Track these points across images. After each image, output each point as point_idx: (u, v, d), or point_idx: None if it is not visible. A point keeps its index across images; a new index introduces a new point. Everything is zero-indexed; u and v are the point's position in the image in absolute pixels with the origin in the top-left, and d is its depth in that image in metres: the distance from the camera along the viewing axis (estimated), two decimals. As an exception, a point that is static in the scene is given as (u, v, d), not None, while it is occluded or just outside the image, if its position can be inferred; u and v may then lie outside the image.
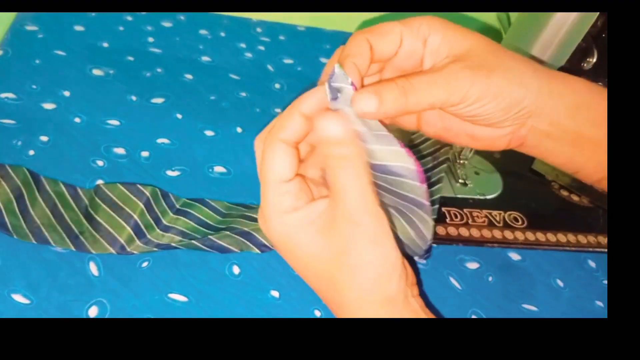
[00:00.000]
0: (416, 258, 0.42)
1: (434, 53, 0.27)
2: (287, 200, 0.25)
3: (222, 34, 0.62)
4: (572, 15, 0.37)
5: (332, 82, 0.25)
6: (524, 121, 0.28)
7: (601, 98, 0.28)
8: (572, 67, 0.40)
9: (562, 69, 0.39)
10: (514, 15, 0.56)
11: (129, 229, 0.39)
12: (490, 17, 0.65)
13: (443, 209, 0.47)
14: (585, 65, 0.39)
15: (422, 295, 0.41)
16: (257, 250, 0.40)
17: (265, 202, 0.26)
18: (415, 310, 0.27)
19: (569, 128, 0.28)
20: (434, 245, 0.44)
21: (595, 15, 0.37)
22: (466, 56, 0.26)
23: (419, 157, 0.49)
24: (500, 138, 0.29)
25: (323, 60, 0.62)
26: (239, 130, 0.50)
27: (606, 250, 0.47)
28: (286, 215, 0.25)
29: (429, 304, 0.40)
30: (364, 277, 0.25)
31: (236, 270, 0.39)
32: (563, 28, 0.38)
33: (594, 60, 0.39)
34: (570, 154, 0.29)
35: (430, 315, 0.28)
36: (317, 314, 0.38)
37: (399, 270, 0.26)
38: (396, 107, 0.25)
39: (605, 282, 0.45)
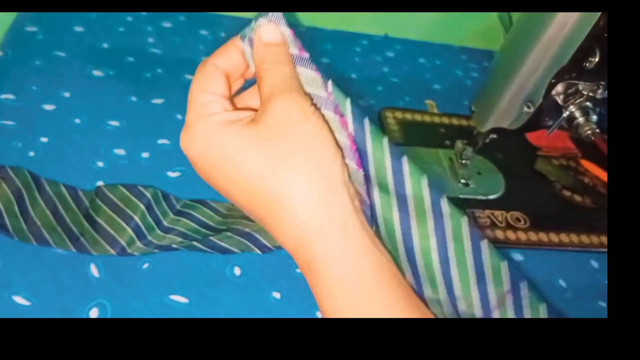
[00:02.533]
0: None
1: None
2: (213, 107, 0.23)
3: (223, 34, 0.62)
4: (574, 15, 0.37)
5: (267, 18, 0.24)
6: None
7: None
8: (574, 67, 0.40)
9: (563, 69, 0.39)
10: (515, 15, 0.56)
11: (129, 230, 0.39)
12: (491, 17, 0.65)
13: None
14: (587, 65, 0.39)
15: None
16: (258, 251, 0.40)
17: (189, 111, 0.23)
18: (361, 220, 0.23)
19: None
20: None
21: (597, 14, 0.36)
22: None
23: None
24: None
25: (324, 60, 0.62)
26: (239, 130, 0.50)
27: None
28: (210, 117, 0.23)
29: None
30: (301, 156, 0.22)
31: (237, 271, 0.39)
32: (565, 28, 0.37)
33: (597, 60, 0.38)
34: None
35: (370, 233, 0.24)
36: (319, 315, 0.38)
37: (339, 157, 0.23)
38: None
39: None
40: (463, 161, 0.49)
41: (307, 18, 0.66)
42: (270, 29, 0.24)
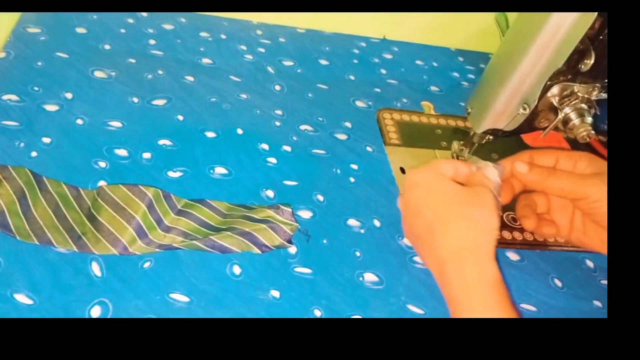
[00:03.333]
0: None
1: (580, 171, 0.40)
2: (442, 169, 0.39)
3: (223, 36, 0.62)
4: (570, 17, 0.37)
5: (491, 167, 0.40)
6: None
7: None
8: (570, 69, 0.40)
9: (559, 70, 0.40)
10: (511, 18, 0.56)
11: (131, 229, 0.39)
12: (487, 20, 0.66)
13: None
14: (582, 67, 0.39)
15: (424, 294, 0.41)
16: (257, 251, 0.40)
17: (429, 165, 0.40)
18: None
19: None
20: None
21: (593, 16, 0.37)
22: (601, 174, 0.39)
23: None
24: None
25: (322, 62, 0.62)
26: (239, 131, 0.51)
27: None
28: (437, 166, 0.39)
29: (430, 304, 0.41)
30: (474, 210, 0.36)
31: (237, 270, 0.40)
32: (561, 30, 0.38)
33: (592, 62, 0.39)
34: None
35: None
36: (317, 313, 0.38)
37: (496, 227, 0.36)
38: (537, 179, 0.40)
39: (603, 282, 0.46)
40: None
41: (307, 20, 0.67)
42: (492, 172, 0.39)
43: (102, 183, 0.42)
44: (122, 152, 0.46)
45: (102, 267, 0.37)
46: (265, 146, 0.50)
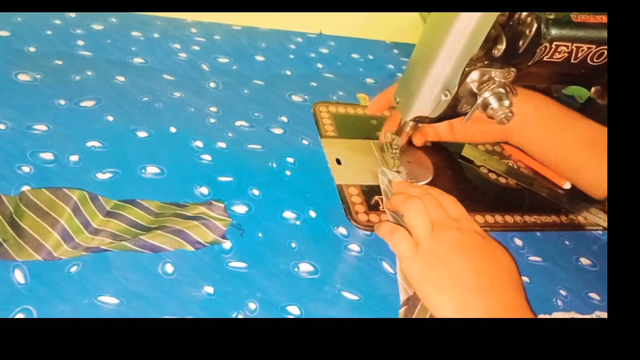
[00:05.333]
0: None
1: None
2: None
3: (156, 35, 0.61)
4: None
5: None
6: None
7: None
8: (486, 55, 0.42)
9: (476, 57, 0.41)
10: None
11: (55, 234, 0.38)
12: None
13: (376, 197, 0.48)
14: (495, 52, 0.41)
15: (358, 281, 0.42)
16: (190, 248, 0.40)
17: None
18: None
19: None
20: (368, 233, 0.46)
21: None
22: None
23: None
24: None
25: (258, 58, 0.62)
26: (172, 130, 0.50)
27: (531, 228, 0.50)
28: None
29: (365, 289, 0.41)
30: None
31: (169, 268, 0.39)
32: (474, 17, 0.39)
33: (503, 47, 0.41)
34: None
35: None
36: (252, 306, 0.38)
37: None
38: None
39: (531, 258, 0.48)
40: (394, 150, 0.51)
41: (242, 17, 0.66)
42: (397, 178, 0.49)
43: (25, 188, 0.41)
44: (47, 156, 0.44)
45: (25, 274, 0.36)
46: (199, 143, 0.50)
